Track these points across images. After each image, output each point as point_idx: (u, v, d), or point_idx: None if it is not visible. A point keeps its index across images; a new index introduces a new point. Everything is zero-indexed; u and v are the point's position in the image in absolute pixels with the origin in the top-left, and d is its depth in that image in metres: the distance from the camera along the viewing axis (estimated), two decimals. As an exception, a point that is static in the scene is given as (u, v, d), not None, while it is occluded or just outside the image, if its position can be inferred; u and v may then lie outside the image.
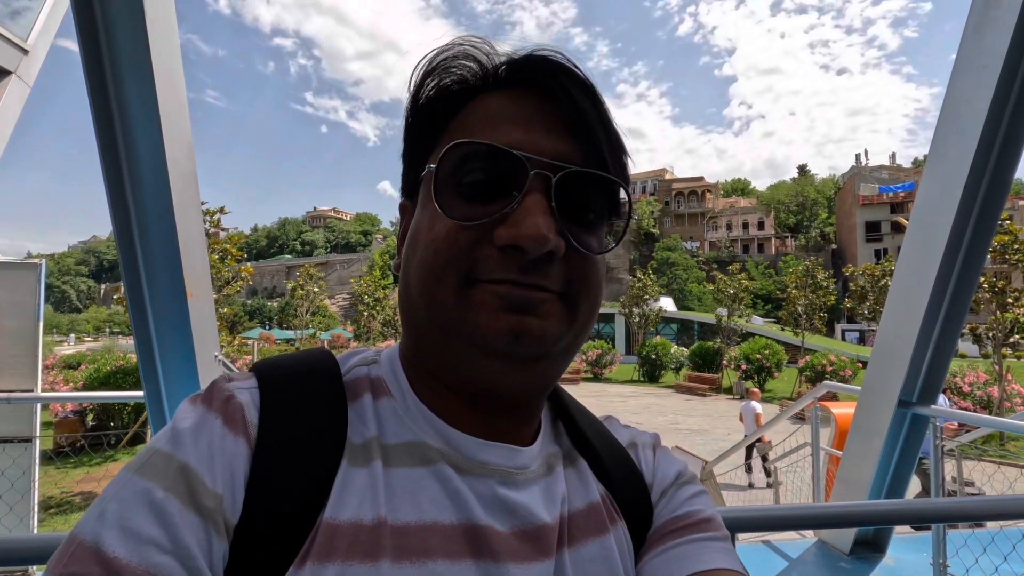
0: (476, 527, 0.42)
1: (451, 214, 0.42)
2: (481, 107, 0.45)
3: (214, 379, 0.44)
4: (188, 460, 0.37)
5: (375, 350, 0.52)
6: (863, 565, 2.97)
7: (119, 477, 0.37)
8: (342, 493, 0.40)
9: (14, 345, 2.89)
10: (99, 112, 2.01)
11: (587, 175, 0.43)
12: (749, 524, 1.18)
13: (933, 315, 2.65)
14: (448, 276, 0.42)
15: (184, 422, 0.39)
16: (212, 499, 0.36)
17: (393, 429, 0.45)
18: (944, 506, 1.38)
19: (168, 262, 2.21)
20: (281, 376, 0.44)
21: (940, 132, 2.65)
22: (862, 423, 3.04)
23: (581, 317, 0.44)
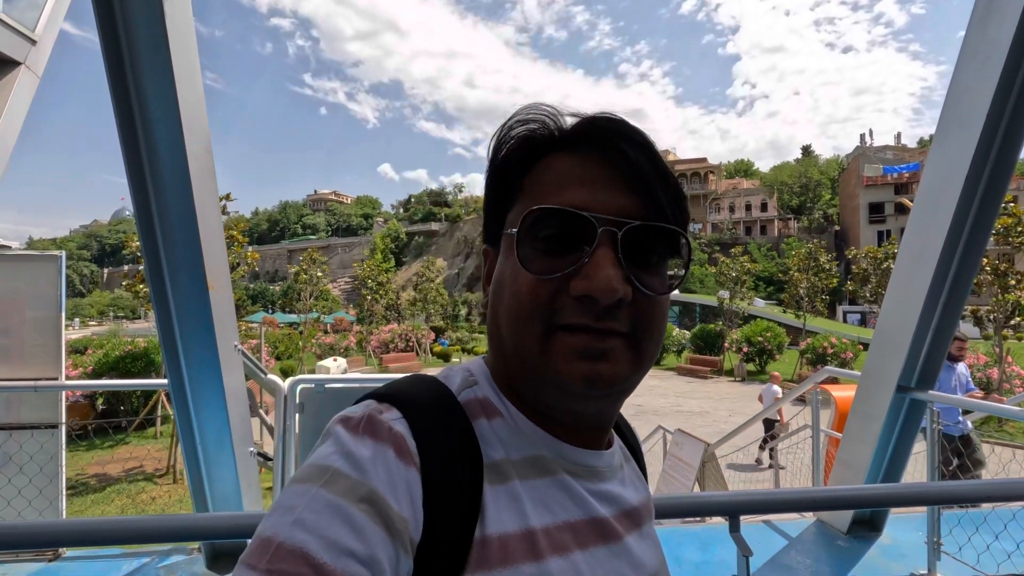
0: (597, 519, 0.52)
1: (531, 269, 0.48)
2: (550, 168, 0.51)
3: (361, 408, 0.48)
4: (374, 486, 0.41)
5: (466, 368, 0.57)
6: (860, 543, 3.08)
7: (301, 489, 0.41)
8: (489, 510, 0.46)
9: (38, 335, 2.98)
10: (120, 108, 2.06)
11: (648, 227, 0.48)
12: (751, 507, 1.27)
13: (933, 302, 2.72)
14: (532, 324, 0.48)
15: (359, 450, 0.43)
16: (400, 521, 0.41)
17: (514, 446, 0.51)
18: (936, 489, 1.46)
19: (190, 256, 2.28)
20: (418, 406, 0.48)
21: (944, 120, 2.69)
22: (862, 407, 3.13)
23: (646, 356, 0.51)
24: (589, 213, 0.47)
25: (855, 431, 3.16)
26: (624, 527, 0.54)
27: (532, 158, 0.53)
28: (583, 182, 0.49)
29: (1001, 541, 2.64)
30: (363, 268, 29.74)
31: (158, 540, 1.29)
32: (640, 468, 0.68)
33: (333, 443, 0.44)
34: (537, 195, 0.50)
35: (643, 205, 0.49)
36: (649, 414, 14.73)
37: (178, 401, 2.56)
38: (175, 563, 2.96)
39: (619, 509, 0.54)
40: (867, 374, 3.10)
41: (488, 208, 0.57)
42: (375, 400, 0.49)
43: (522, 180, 0.53)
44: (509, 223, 0.52)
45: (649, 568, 0.54)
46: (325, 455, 0.43)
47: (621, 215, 0.48)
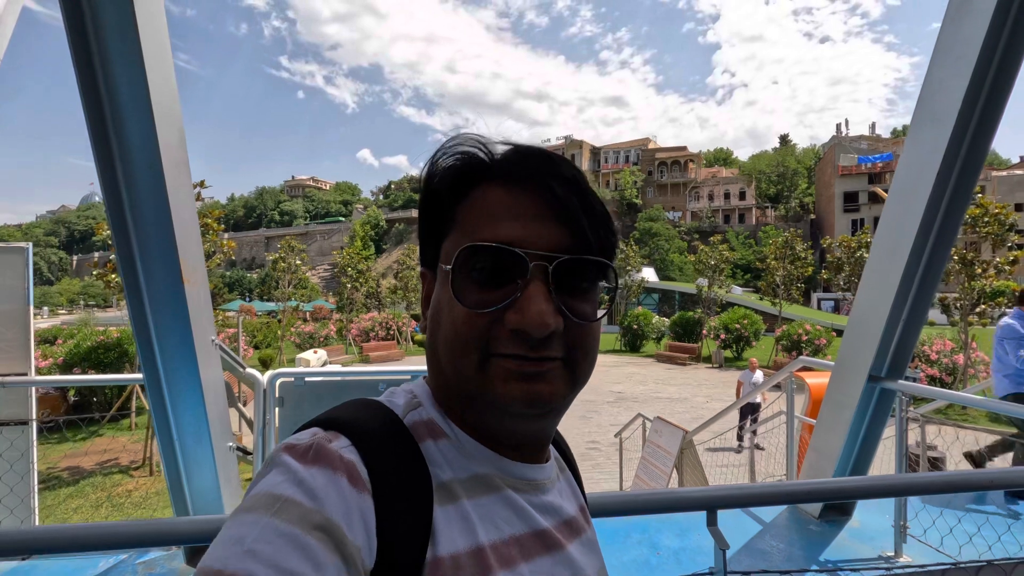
0: (540, 531, 0.54)
1: (466, 303, 0.50)
2: (482, 200, 0.53)
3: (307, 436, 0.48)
4: (328, 514, 0.41)
5: (408, 391, 0.58)
6: (831, 527, 3.18)
7: (250, 519, 0.41)
8: (440, 531, 0.47)
9: (6, 329, 2.88)
10: (87, 94, 1.98)
11: (576, 259, 0.51)
12: (727, 502, 1.30)
13: (904, 294, 2.79)
14: (469, 353, 0.50)
15: (310, 478, 0.43)
16: (354, 549, 0.41)
17: (460, 465, 0.52)
18: (904, 482, 1.51)
19: (164, 250, 2.23)
20: (366, 433, 0.49)
21: (918, 114, 2.74)
22: (834, 396, 3.21)
23: (581, 376, 0.54)
24: (520, 249, 0.49)
25: (827, 419, 3.24)
26: (565, 536, 0.56)
27: (464, 187, 0.54)
28: (514, 216, 0.51)
29: (963, 523, 2.75)
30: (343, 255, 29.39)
31: (138, 545, 1.26)
32: (575, 476, 0.70)
33: (281, 471, 0.44)
34: (470, 227, 0.52)
35: (572, 237, 0.51)
36: (629, 400, 14.93)
37: (154, 397, 2.51)
38: (153, 559, 2.93)
39: (560, 519, 0.57)
40: (840, 363, 3.18)
41: (423, 234, 0.59)
42: (320, 428, 0.49)
43: (455, 210, 0.54)
44: (444, 255, 0.54)
45: (588, 573, 0.57)
46: (274, 483, 0.43)
47: (551, 248, 0.50)
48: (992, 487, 1.44)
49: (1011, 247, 14.39)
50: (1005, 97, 2.49)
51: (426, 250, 0.58)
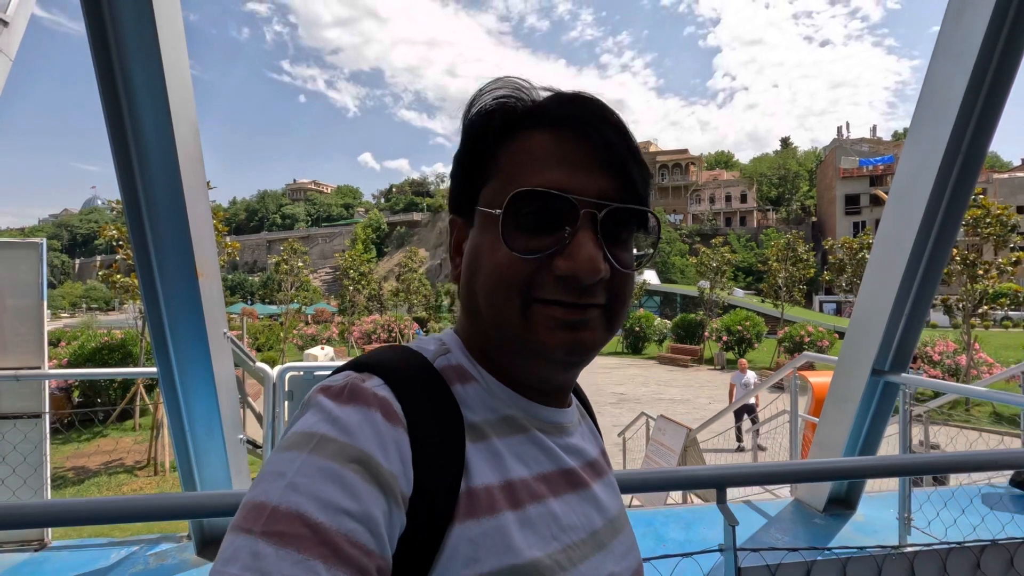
0: (566, 469, 0.56)
1: (514, 247, 0.50)
2: (528, 145, 0.53)
3: (342, 378, 0.49)
4: (363, 447, 0.43)
5: (438, 339, 0.59)
6: (836, 520, 3.21)
7: (289, 456, 0.42)
8: (473, 464, 0.49)
9: (20, 323, 2.93)
10: (107, 95, 2.03)
11: (624, 208, 0.52)
12: (737, 480, 1.33)
13: (907, 289, 2.82)
14: (512, 298, 0.51)
15: (345, 415, 0.45)
16: (391, 477, 0.43)
17: (489, 407, 0.54)
18: (909, 461, 1.54)
19: (179, 244, 2.27)
20: (399, 373, 0.50)
21: (919, 114, 2.77)
22: (838, 390, 3.24)
23: (617, 323, 0.55)
24: (571, 195, 0.50)
25: (831, 413, 3.27)
26: (589, 476, 0.59)
27: (508, 133, 0.54)
28: (563, 162, 0.51)
29: (967, 515, 2.78)
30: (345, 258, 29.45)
31: (147, 519, 1.26)
32: (594, 423, 0.72)
33: (317, 411, 0.46)
34: (516, 173, 0.52)
35: (619, 186, 0.52)
36: (631, 402, 14.93)
37: (167, 390, 2.54)
38: (164, 550, 2.96)
39: (584, 460, 0.59)
40: (843, 358, 3.21)
41: (459, 179, 0.58)
42: (354, 370, 0.50)
43: (498, 155, 0.54)
44: (486, 200, 0.54)
45: (612, 511, 0.59)
46: (310, 423, 0.44)
47: (600, 196, 0.51)
48: (994, 467, 1.47)
49: (1013, 248, 14.40)
50: (1004, 96, 2.52)
51: (460, 196, 0.58)
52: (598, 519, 0.56)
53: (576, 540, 0.52)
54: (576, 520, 0.54)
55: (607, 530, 0.57)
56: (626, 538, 0.60)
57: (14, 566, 2.85)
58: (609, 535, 0.57)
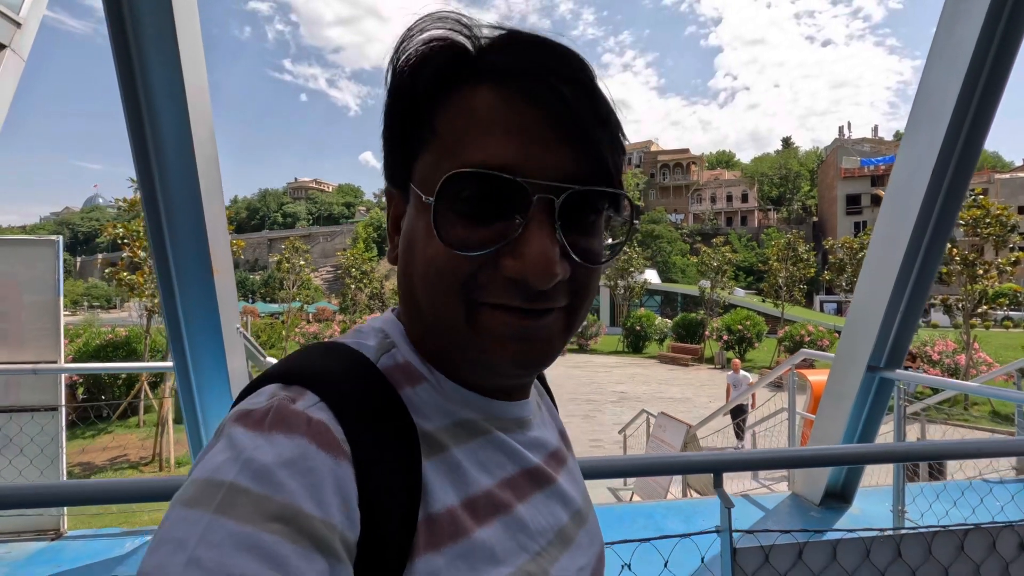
0: (530, 469, 0.51)
1: (450, 241, 0.41)
2: (468, 107, 0.42)
3: (264, 398, 0.40)
4: (286, 498, 0.34)
5: (378, 329, 0.50)
6: (832, 514, 3.28)
7: (191, 516, 0.33)
8: (432, 486, 0.42)
9: (37, 319, 3.01)
10: (127, 94, 2.11)
11: (589, 192, 0.42)
12: (733, 465, 1.40)
13: (902, 286, 2.89)
14: (453, 301, 0.43)
15: (262, 454, 0.35)
16: (327, 529, 0.35)
17: (443, 411, 0.47)
18: (903, 448, 1.62)
19: (195, 240, 2.35)
20: (337, 386, 0.41)
21: (914, 115, 2.85)
22: (834, 386, 3.32)
23: (579, 322, 0.48)
24: (522, 178, 0.40)
25: (828, 409, 3.35)
26: (553, 469, 0.54)
27: (443, 88, 0.43)
28: (511, 132, 0.41)
29: (959, 507, 2.85)
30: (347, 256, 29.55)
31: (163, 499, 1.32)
32: (550, 397, 0.67)
33: (228, 447, 0.36)
34: (454, 145, 0.42)
35: (583, 160, 0.42)
36: (632, 400, 15.01)
37: (182, 382, 2.62)
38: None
39: (547, 452, 0.54)
40: (840, 355, 3.29)
41: (390, 145, 0.47)
42: (280, 384, 0.41)
43: (432, 117, 0.43)
44: (420, 177, 0.44)
45: (577, 501, 0.55)
46: (217, 465, 0.35)
47: (558, 176, 0.41)
48: (987, 455, 1.55)
49: (1012, 248, 14.46)
50: (998, 97, 2.59)
51: (393, 164, 0.48)
52: (564, 514, 0.52)
53: (545, 544, 0.48)
54: (544, 522, 0.49)
55: (573, 523, 0.53)
56: (591, 526, 0.56)
57: (31, 555, 2.94)
58: (575, 528, 0.53)
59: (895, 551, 1.49)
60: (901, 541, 1.50)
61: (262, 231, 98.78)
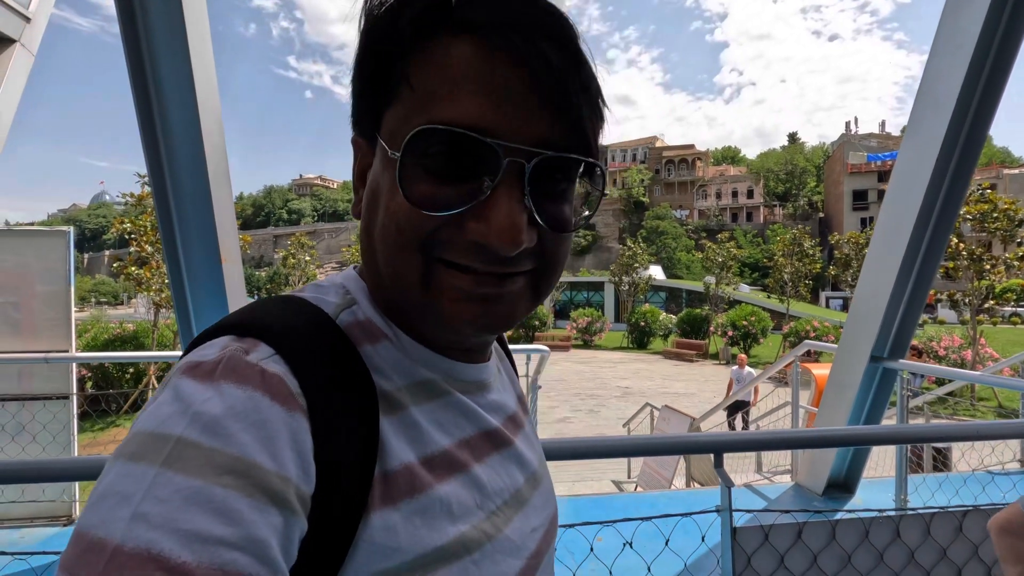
0: (489, 431, 0.51)
1: (414, 198, 0.40)
2: (444, 58, 0.40)
3: (216, 349, 0.38)
4: (238, 451, 0.33)
5: (339, 284, 0.49)
6: (834, 503, 3.30)
7: (135, 470, 0.31)
8: (389, 442, 0.42)
9: (49, 309, 3.06)
10: (137, 86, 2.14)
11: (563, 159, 0.41)
12: (734, 446, 1.43)
13: (905, 277, 2.90)
14: (412, 258, 0.42)
15: (211, 406, 0.34)
16: (281, 482, 0.34)
17: (403, 371, 0.46)
18: (909, 430, 1.63)
19: (203, 230, 2.38)
20: (293, 338, 0.40)
21: (918, 105, 2.85)
22: (837, 376, 3.33)
23: (546, 289, 0.47)
24: (493, 140, 0.39)
25: (831, 399, 3.36)
26: (511, 431, 0.54)
27: (421, 37, 0.41)
28: (486, 90, 0.39)
29: (961, 497, 2.86)
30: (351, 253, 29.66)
31: None
32: (510, 362, 0.67)
33: (173, 400, 0.35)
34: (426, 98, 0.40)
35: (560, 125, 0.41)
36: (636, 395, 15.01)
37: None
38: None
39: (505, 416, 0.54)
40: (843, 346, 3.30)
41: (359, 92, 0.45)
42: (234, 335, 0.39)
43: (406, 67, 0.41)
44: (388, 129, 0.43)
45: (533, 464, 0.55)
46: (163, 418, 0.34)
47: (531, 142, 0.40)
48: (992, 437, 1.56)
49: (1020, 243, 14.37)
50: (1002, 86, 2.59)
51: (361, 112, 0.46)
52: (520, 476, 0.53)
53: (500, 504, 0.48)
54: (500, 483, 0.49)
55: (528, 485, 0.54)
56: (544, 487, 0.57)
57: (44, 540, 2.99)
58: (530, 489, 0.54)
59: (894, 532, 1.51)
60: (900, 522, 1.52)
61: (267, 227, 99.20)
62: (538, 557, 0.51)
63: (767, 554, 1.47)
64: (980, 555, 1.53)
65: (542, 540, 0.53)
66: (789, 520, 1.51)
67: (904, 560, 1.48)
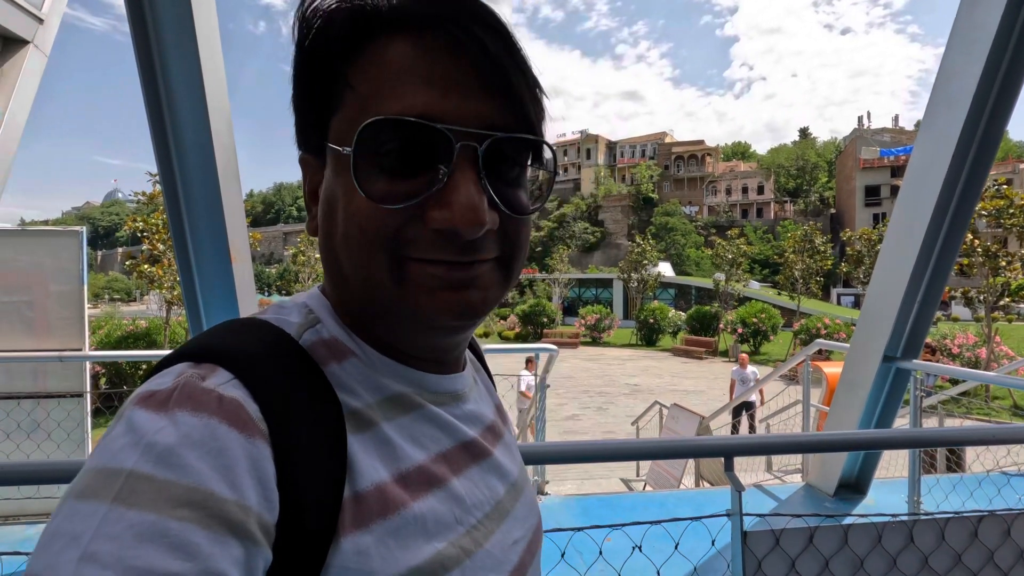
0: (465, 442, 0.50)
1: (373, 195, 0.40)
2: (384, 58, 0.41)
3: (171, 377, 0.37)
4: (194, 481, 0.32)
5: (301, 304, 0.48)
6: (845, 504, 3.26)
7: (85, 509, 0.30)
8: (358, 462, 0.40)
9: (62, 308, 3.09)
10: (147, 86, 2.15)
11: (512, 140, 0.42)
12: (743, 449, 1.41)
13: (919, 274, 2.85)
14: (379, 257, 0.42)
15: (168, 436, 0.33)
16: (240, 511, 0.33)
17: (373, 387, 0.45)
18: (920, 433, 1.61)
19: (214, 228, 2.39)
20: (252, 361, 0.39)
21: (933, 100, 2.80)
22: (849, 376, 3.29)
23: (515, 275, 0.47)
24: (443, 125, 0.40)
25: (843, 400, 3.32)
26: (490, 442, 0.53)
27: (356, 41, 0.42)
28: (430, 81, 0.41)
29: (975, 499, 2.82)
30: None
31: None
32: (487, 372, 0.66)
33: (126, 432, 0.33)
34: (370, 98, 0.41)
35: (504, 109, 0.42)
36: (644, 393, 14.98)
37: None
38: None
39: (483, 426, 0.54)
40: (855, 345, 3.25)
41: (301, 106, 0.46)
42: (189, 361, 0.38)
43: (346, 72, 0.42)
44: (336, 134, 0.43)
45: (513, 474, 0.55)
46: (115, 451, 0.33)
47: (480, 125, 0.41)
48: (996, 442, 1.53)
49: (1037, 239, 14.14)
50: (1021, 80, 2.54)
51: (306, 129, 0.46)
52: (501, 487, 0.52)
53: (480, 517, 0.47)
54: (480, 495, 0.48)
55: (510, 495, 0.53)
56: (527, 498, 0.56)
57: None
58: (512, 500, 0.53)
59: (908, 537, 1.48)
60: (914, 527, 1.50)
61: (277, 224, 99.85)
62: (521, 570, 0.50)
63: (778, 558, 1.45)
64: (996, 561, 1.51)
65: (525, 552, 0.52)
66: (800, 524, 1.49)
67: (918, 565, 1.46)
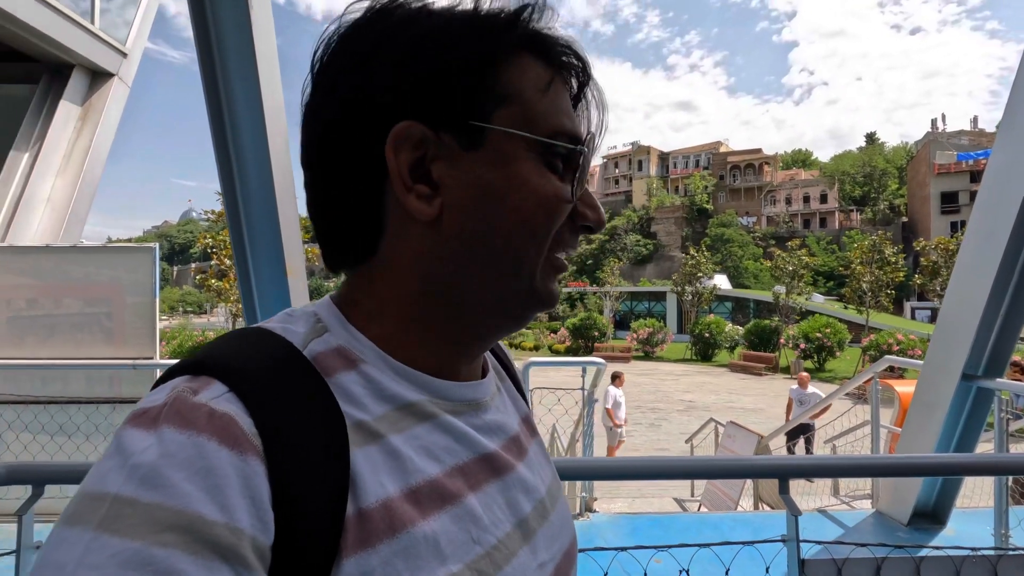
0: (486, 455, 0.47)
1: (563, 192, 0.46)
2: (533, 75, 0.45)
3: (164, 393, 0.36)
4: (180, 504, 0.31)
5: (310, 312, 0.47)
6: (921, 535, 3.01)
7: (71, 536, 0.30)
8: (364, 477, 0.38)
9: (136, 319, 3.33)
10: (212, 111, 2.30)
11: None
12: (800, 471, 1.33)
13: (1003, 285, 2.64)
14: (544, 244, 0.46)
15: (154, 456, 0.32)
16: (230, 534, 0.31)
17: (383, 396, 0.43)
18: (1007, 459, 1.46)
19: (271, 244, 2.51)
20: (249, 373, 0.37)
21: (1014, 98, 2.60)
22: (923, 396, 3.05)
23: None
24: (581, 147, 0.47)
25: (917, 421, 3.08)
26: (513, 456, 0.50)
27: (501, 49, 0.44)
28: (567, 109, 0.48)
29: (1076, 534, 2.54)
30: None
31: None
32: (513, 382, 0.63)
33: (115, 453, 0.33)
34: (537, 105, 0.45)
35: None
36: (699, 410, 14.48)
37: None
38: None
39: (506, 437, 0.51)
40: (930, 362, 3.03)
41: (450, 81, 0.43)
42: (187, 375, 0.37)
43: (501, 73, 0.44)
44: (512, 122, 0.44)
45: (541, 490, 0.52)
46: (102, 475, 0.32)
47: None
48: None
49: None
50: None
51: (452, 102, 0.43)
52: (526, 504, 0.49)
53: (501, 536, 0.44)
54: (500, 513, 0.46)
55: (536, 514, 0.49)
56: (558, 516, 0.52)
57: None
58: (539, 519, 0.49)
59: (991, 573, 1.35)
60: (999, 563, 1.36)
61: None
62: None
63: (841, 590, 1.35)
64: (1099, 605, 1.35)
65: (554, 575, 0.48)
66: (866, 554, 1.38)
67: (1004, 606, 1.33)
